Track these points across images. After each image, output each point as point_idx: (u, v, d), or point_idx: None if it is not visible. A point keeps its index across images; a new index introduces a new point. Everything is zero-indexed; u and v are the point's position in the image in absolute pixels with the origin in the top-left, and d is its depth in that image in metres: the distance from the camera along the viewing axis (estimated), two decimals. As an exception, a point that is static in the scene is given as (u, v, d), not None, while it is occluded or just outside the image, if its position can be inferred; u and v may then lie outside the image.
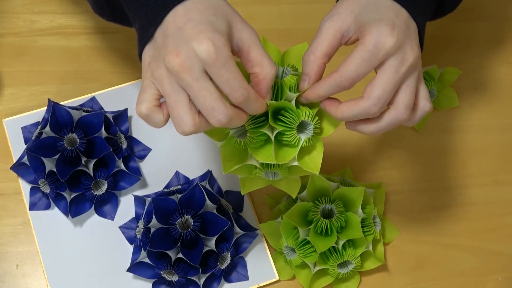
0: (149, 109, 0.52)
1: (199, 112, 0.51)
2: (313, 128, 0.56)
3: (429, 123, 0.83)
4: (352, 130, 0.58)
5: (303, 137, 0.56)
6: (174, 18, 0.51)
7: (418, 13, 0.56)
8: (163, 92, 0.51)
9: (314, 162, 0.58)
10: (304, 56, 0.55)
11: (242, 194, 0.64)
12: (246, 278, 0.74)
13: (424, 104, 0.56)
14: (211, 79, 0.50)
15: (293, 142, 0.56)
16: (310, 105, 0.57)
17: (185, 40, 0.49)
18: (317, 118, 0.56)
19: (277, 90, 0.55)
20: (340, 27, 0.54)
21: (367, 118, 0.55)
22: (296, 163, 0.57)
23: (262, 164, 0.57)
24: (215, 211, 0.71)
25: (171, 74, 0.50)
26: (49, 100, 0.74)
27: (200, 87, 0.49)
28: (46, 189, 0.74)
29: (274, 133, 0.56)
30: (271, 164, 0.57)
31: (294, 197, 0.64)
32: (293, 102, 0.56)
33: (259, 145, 0.56)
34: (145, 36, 0.54)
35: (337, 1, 0.58)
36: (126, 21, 0.62)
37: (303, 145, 0.56)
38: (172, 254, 0.69)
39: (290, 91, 0.55)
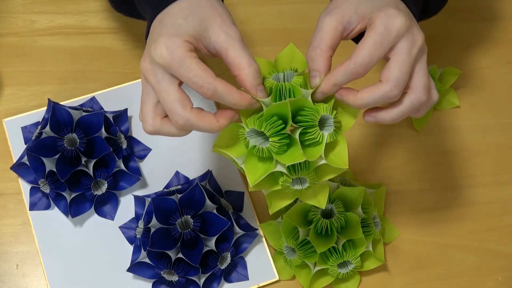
0: (153, 125, 0.54)
1: (162, 118, 0.54)
2: (334, 122, 0.55)
3: (429, 123, 0.83)
4: (371, 122, 0.57)
5: (326, 132, 0.55)
6: (155, 20, 0.55)
7: (412, 2, 0.57)
8: (142, 89, 0.54)
9: (340, 157, 0.56)
10: (309, 52, 0.55)
11: (271, 213, 0.62)
12: (246, 278, 0.74)
13: (433, 93, 0.56)
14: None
15: (317, 139, 0.54)
16: (324, 101, 0.56)
17: (149, 44, 0.53)
18: (335, 111, 0.55)
19: (289, 93, 0.54)
20: (341, 20, 0.54)
21: (385, 105, 0.55)
22: (324, 161, 0.55)
23: (289, 169, 0.55)
24: (215, 211, 0.71)
25: (143, 77, 0.53)
26: (49, 100, 0.74)
27: (160, 89, 0.52)
28: (46, 189, 0.74)
29: (298, 132, 0.55)
30: (298, 167, 0.55)
31: (323, 207, 0.61)
32: (309, 98, 0.55)
33: (282, 150, 0.55)
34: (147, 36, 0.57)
35: None
36: (140, 15, 0.64)
37: (328, 141, 0.55)
38: (172, 254, 0.69)
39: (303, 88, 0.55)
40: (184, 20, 0.52)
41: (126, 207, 0.76)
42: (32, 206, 0.75)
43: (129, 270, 0.71)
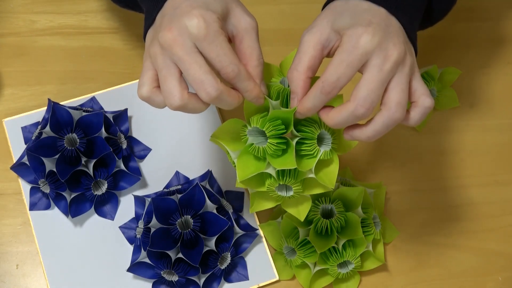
0: (149, 91, 0.53)
1: (188, 92, 0.52)
2: (332, 143, 0.55)
3: (429, 123, 0.83)
4: (350, 140, 0.56)
5: (322, 149, 0.56)
6: (173, 0, 0.53)
7: (402, 12, 0.55)
8: (157, 68, 0.52)
9: (329, 177, 0.57)
10: (288, 74, 0.55)
11: (250, 212, 0.64)
12: (246, 278, 0.74)
13: (424, 100, 0.54)
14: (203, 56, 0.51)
15: (312, 152, 0.55)
16: None
17: (178, 16, 0.51)
18: (335, 133, 0.56)
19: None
20: (319, 38, 0.54)
21: (358, 123, 0.54)
22: (312, 175, 0.56)
23: (278, 173, 0.56)
24: (215, 211, 0.71)
25: (164, 50, 0.51)
26: (49, 100, 0.74)
27: (190, 60, 0.50)
28: (46, 189, 0.74)
29: (295, 140, 0.56)
30: (287, 174, 0.56)
31: (302, 220, 0.62)
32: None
33: (277, 154, 0.56)
34: (149, 20, 0.56)
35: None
36: (137, 7, 0.63)
37: (321, 158, 0.56)
38: (172, 254, 0.69)
39: None
40: None
41: (126, 207, 0.76)
42: (32, 206, 0.75)
43: (129, 270, 0.71)
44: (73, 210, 0.73)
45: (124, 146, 0.76)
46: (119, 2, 0.68)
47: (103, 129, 0.73)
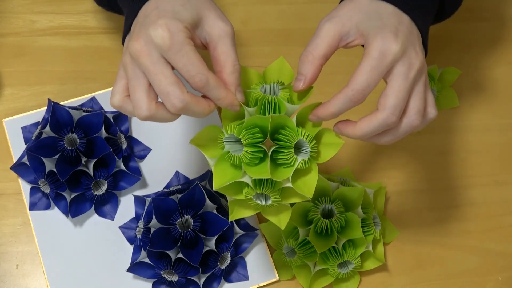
0: (120, 100, 0.53)
1: (157, 102, 0.52)
2: (310, 151, 0.54)
3: (429, 123, 0.83)
4: (367, 142, 0.56)
5: (300, 158, 0.54)
6: (146, 7, 0.54)
7: (419, 17, 0.56)
8: (127, 76, 0.52)
9: (307, 186, 0.56)
10: (302, 56, 0.55)
11: (230, 220, 0.63)
12: (246, 278, 0.74)
13: (430, 111, 0.55)
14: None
15: (289, 161, 0.54)
16: (310, 127, 0.56)
17: (146, 26, 0.51)
18: (314, 141, 0.55)
19: (274, 107, 0.54)
20: (340, 29, 0.54)
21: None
22: (289, 185, 0.55)
23: (254, 182, 0.55)
24: (215, 211, 0.71)
25: (133, 60, 0.51)
26: (49, 100, 0.74)
27: (156, 71, 0.50)
28: (46, 189, 0.74)
29: (271, 149, 0.54)
30: (264, 183, 0.55)
31: (282, 228, 0.60)
32: (294, 119, 0.54)
33: (254, 163, 0.55)
34: (126, 27, 0.56)
35: (340, 2, 0.57)
36: (121, 11, 0.63)
37: (299, 167, 0.54)
38: (172, 254, 0.69)
39: (289, 103, 0.55)
40: (183, 7, 0.52)
41: (126, 207, 0.76)
42: (32, 206, 0.75)
43: (129, 270, 0.71)
44: (73, 210, 0.73)
45: (124, 146, 0.76)
46: (104, 6, 0.68)
47: (103, 129, 0.73)
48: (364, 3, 0.55)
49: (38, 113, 0.78)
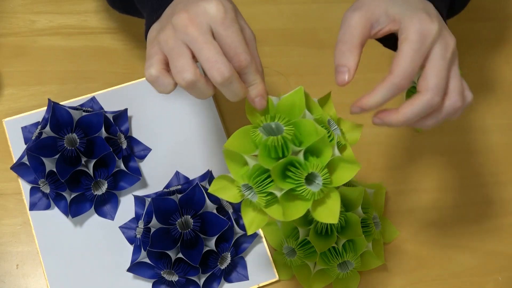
0: (158, 71, 0.51)
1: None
2: (323, 181, 0.53)
3: (429, 123, 0.83)
4: (411, 126, 0.55)
5: (314, 188, 0.53)
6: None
7: (439, 5, 0.56)
8: (167, 50, 0.51)
9: (331, 211, 0.54)
10: (338, 47, 0.53)
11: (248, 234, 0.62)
12: (246, 278, 0.74)
13: (467, 94, 0.55)
14: None
15: (305, 195, 0.53)
16: (321, 156, 0.54)
17: (195, 1, 0.50)
18: (325, 170, 0.53)
19: (281, 147, 0.53)
20: (370, 17, 0.53)
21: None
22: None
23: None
24: (215, 211, 0.71)
25: (177, 31, 0.50)
26: (49, 100, 0.74)
27: (206, 40, 0.50)
28: (46, 189, 0.74)
29: (282, 193, 0.53)
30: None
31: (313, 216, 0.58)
32: (301, 155, 0.53)
33: (272, 203, 0.54)
34: (152, 19, 0.55)
35: None
36: (137, 12, 0.63)
37: (315, 198, 0.53)
38: (172, 254, 0.69)
39: (295, 144, 0.53)
40: None
41: (126, 207, 0.76)
42: (32, 206, 0.75)
43: (129, 270, 0.71)
44: (73, 210, 0.73)
45: (124, 146, 0.76)
46: (119, 9, 0.68)
47: (103, 129, 0.73)
48: None
49: (38, 113, 0.78)
